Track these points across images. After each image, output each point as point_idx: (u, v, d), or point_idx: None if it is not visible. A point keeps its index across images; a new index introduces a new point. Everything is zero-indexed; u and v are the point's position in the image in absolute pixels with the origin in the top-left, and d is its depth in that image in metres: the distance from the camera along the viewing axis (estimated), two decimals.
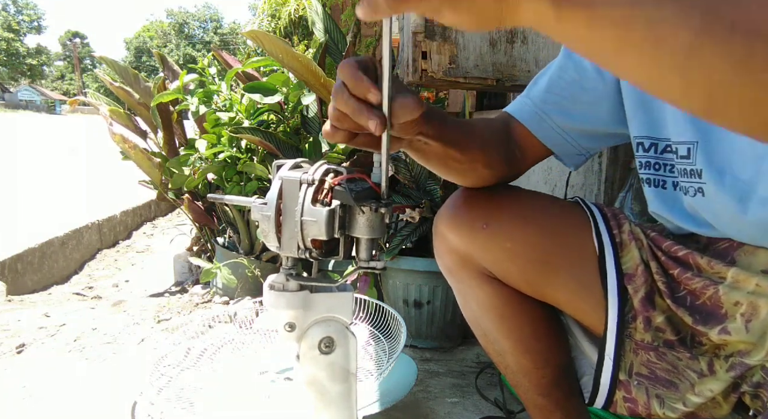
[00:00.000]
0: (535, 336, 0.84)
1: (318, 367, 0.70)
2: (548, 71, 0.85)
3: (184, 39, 41.63)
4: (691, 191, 0.69)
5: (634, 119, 0.76)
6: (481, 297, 0.84)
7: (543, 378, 0.85)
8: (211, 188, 2.29)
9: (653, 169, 0.76)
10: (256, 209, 0.65)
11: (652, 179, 0.77)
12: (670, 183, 0.75)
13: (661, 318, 0.73)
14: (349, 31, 3.09)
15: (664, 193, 0.76)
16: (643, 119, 0.75)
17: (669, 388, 0.71)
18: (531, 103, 0.84)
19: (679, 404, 0.70)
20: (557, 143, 0.84)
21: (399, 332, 1.38)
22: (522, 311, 0.83)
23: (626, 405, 0.75)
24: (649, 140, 0.75)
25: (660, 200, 0.77)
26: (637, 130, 0.76)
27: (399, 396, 1.24)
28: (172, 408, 1.18)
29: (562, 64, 0.83)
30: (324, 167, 0.63)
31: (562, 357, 0.87)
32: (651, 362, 0.73)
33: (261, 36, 1.82)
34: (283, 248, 0.64)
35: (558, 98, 0.82)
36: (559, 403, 0.87)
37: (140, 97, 2.49)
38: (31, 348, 1.73)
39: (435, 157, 0.74)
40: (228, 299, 2.17)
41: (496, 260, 0.80)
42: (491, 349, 0.89)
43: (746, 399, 0.66)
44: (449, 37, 1.44)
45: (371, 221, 0.61)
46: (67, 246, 2.91)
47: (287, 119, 2.12)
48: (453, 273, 0.87)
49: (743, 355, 0.66)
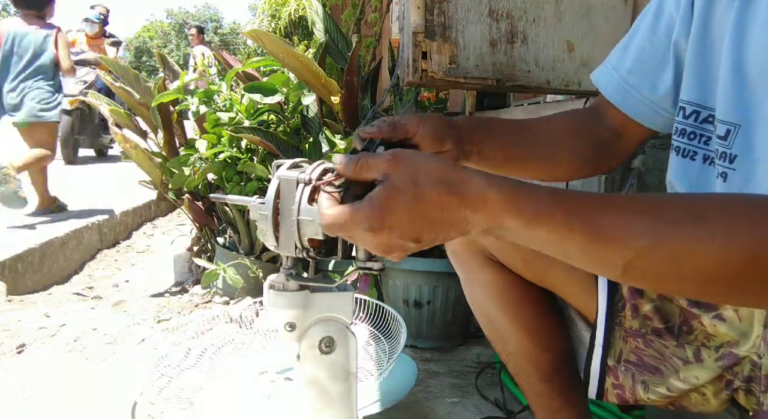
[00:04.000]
0: (537, 318, 0.87)
1: (318, 367, 0.70)
2: (635, 36, 0.79)
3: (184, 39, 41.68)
4: (715, 172, 0.67)
5: (687, 81, 0.72)
6: (485, 281, 0.87)
7: (544, 361, 0.88)
8: (211, 188, 2.29)
9: (687, 138, 0.72)
10: (254, 208, 0.64)
11: (682, 148, 0.73)
12: (701, 156, 0.71)
13: (648, 306, 0.74)
14: (349, 31, 3.08)
15: (691, 164, 0.72)
16: (694, 83, 0.71)
17: (654, 374, 0.73)
18: (617, 75, 0.80)
19: (662, 388, 0.72)
20: (652, 117, 0.79)
21: (399, 332, 1.38)
22: (524, 295, 0.86)
23: (615, 391, 0.77)
24: (692, 106, 0.71)
25: (683, 171, 0.73)
26: (685, 92, 0.72)
27: (399, 396, 1.24)
28: (172, 408, 1.18)
29: (652, 25, 0.77)
30: (322, 167, 0.63)
31: (563, 344, 0.89)
32: (639, 349, 0.75)
33: (262, 36, 1.82)
34: (281, 247, 0.64)
35: (646, 67, 0.77)
36: (560, 391, 0.89)
37: (140, 98, 2.48)
38: (31, 348, 1.73)
39: (496, 162, 0.77)
40: (228, 299, 2.17)
41: (499, 244, 0.83)
42: (494, 335, 0.92)
43: (741, 398, 0.67)
44: (449, 37, 1.44)
45: None
46: (67, 246, 2.91)
47: (287, 119, 2.11)
48: (459, 257, 0.90)
49: (732, 346, 0.67)
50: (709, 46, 0.68)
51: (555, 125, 0.83)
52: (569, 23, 1.48)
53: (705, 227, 0.42)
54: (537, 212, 0.46)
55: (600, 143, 0.82)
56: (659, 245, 0.43)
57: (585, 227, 0.45)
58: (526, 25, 1.46)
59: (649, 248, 0.43)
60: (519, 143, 0.78)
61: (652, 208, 0.45)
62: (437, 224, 0.48)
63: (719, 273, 0.42)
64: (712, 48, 0.68)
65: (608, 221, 0.45)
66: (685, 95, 0.72)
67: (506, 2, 1.45)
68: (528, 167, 0.81)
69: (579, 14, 1.48)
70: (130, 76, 2.53)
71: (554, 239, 0.47)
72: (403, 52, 1.53)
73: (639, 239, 0.44)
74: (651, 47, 0.76)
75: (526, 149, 0.79)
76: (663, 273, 0.44)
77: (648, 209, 0.45)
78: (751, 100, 0.61)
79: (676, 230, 0.43)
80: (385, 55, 2.58)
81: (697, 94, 0.71)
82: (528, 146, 0.79)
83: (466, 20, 1.43)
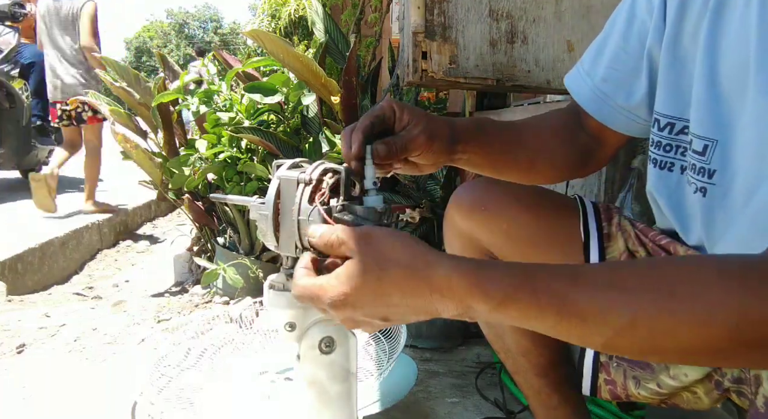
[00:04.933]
0: None
1: (318, 367, 0.70)
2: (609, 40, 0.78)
3: (184, 39, 41.67)
4: (693, 187, 0.66)
5: (660, 93, 0.72)
6: None
7: (541, 356, 0.89)
8: (211, 188, 2.29)
9: (663, 150, 0.72)
10: (255, 208, 0.65)
11: (659, 160, 0.73)
12: (678, 167, 0.71)
13: None
14: (349, 31, 3.09)
15: (668, 176, 0.72)
16: (668, 95, 0.70)
17: (645, 369, 0.73)
18: (591, 83, 0.79)
19: (653, 384, 0.72)
20: (628, 125, 0.78)
21: (399, 332, 1.38)
22: None
23: (608, 387, 0.78)
24: (666, 118, 0.70)
25: (661, 183, 0.73)
26: (659, 104, 0.71)
27: (399, 396, 1.24)
28: (172, 408, 1.18)
29: (624, 33, 0.75)
30: (322, 167, 0.63)
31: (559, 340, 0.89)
32: None
33: (262, 36, 1.82)
34: (282, 247, 0.64)
35: (620, 75, 0.76)
36: (557, 386, 0.90)
37: (141, 98, 2.49)
38: (31, 348, 1.73)
39: (482, 168, 0.79)
40: (228, 299, 2.17)
41: (495, 240, 0.85)
42: (492, 334, 0.94)
43: (735, 399, 0.66)
44: (449, 37, 1.44)
45: (369, 222, 0.61)
46: (67, 246, 2.91)
47: (287, 119, 2.12)
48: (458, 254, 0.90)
49: None
50: (681, 57, 0.67)
51: (541, 131, 0.84)
52: (569, 23, 1.48)
53: (681, 304, 0.41)
54: (504, 295, 0.45)
55: (582, 149, 0.83)
56: (636, 324, 0.42)
57: (555, 306, 0.44)
58: (526, 25, 1.46)
59: (627, 327, 0.42)
60: (504, 152, 0.79)
61: (622, 281, 0.44)
62: (401, 307, 0.49)
63: (703, 346, 0.42)
64: (684, 59, 0.67)
65: (580, 298, 0.44)
66: (660, 107, 0.71)
67: (506, 2, 1.45)
68: (510, 174, 0.82)
69: (579, 14, 1.48)
70: (131, 76, 2.53)
71: (526, 318, 0.46)
72: (403, 52, 1.53)
73: (616, 318, 0.43)
74: (624, 54, 0.75)
75: (510, 157, 0.80)
76: (646, 348, 0.44)
77: (619, 284, 0.44)
78: (727, 115, 0.61)
79: (652, 308, 0.42)
80: (385, 55, 2.58)
81: (670, 106, 0.70)
82: (512, 153, 0.80)
83: (466, 20, 1.43)
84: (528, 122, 0.85)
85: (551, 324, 0.45)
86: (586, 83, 0.79)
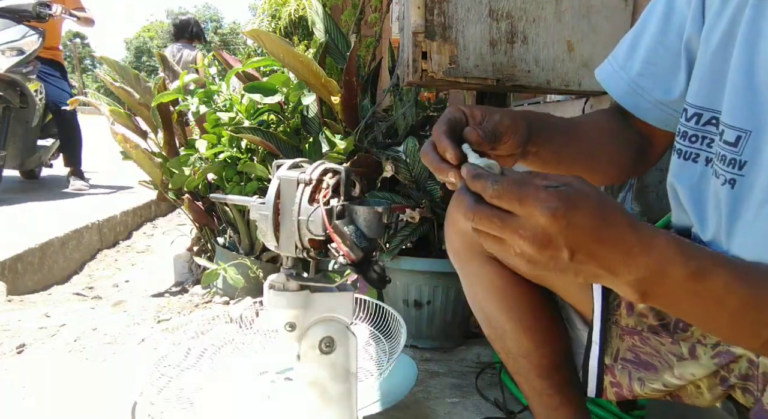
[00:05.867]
0: (535, 315, 0.88)
1: (318, 367, 0.70)
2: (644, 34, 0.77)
3: None
4: (722, 179, 0.65)
5: (693, 83, 0.71)
6: (484, 277, 0.88)
7: (543, 357, 0.88)
8: (211, 188, 2.29)
9: (689, 141, 0.71)
10: (255, 208, 0.65)
11: (684, 151, 0.72)
12: (703, 158, 0.70)
13: (643, 305, 0.74)
14: (349, 31, 3.09)
15: (692, 167, 0.71)
16: (700, 86, 0.70)
17: (650, 370, 0.73)
18: (627, 77, 0.78)
19: (658, 384, 0.72)
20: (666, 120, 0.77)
21: (399, 332, 1.38)
22: (522, 292, 0.87)
23: (613, 389, 0.78)
24: (695, 108, 0.69)
25: (684, 173, 0.72)
26: (690, 95, 0.71)
27: (399, 396, 1.24)
28: (172, 408, 1.18)
29: (662, 27, 0.74)
30: (322, 167, 0.63)
31: (560, 341, 0.90)
32: (635, 346, 0.76)
33: (262, 35, 1.82)
34: (282, 247, 0.64)
35: (658, 70, 0.75)
36: (558, 387, 0.90)
37: (140, 98, 2.48)
38: (31, 348, 1.73)
39: (549, 166, 0.76)
40: (228, 299, 2.17)
41: None
42: (493, 334, 0.93)
43: (738, 396, 0.66)
44: (449, 37, 1.44)
45: (368, 222, 0.61)
46: (67, 246, 2.91)
47: (287, 119, 2.11)
48: (459, 256, 0.91)
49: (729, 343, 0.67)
50: (718, 49, 0.67)
51: (596, 131, 0.82)
52: (569, 23, 1.48)
53: None
54: (701, 266, 0.45)
55: (635, 148, 0.82)
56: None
57: (745, 291, 0.45)
58: (526, 25, 1.46)
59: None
60: (567, 147, 0.77)
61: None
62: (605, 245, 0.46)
63: None
64: (720, 50, 0.67)
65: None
66: (690, 98, 0.71)
67: (506, 2, 1.45)
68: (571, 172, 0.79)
69: (579, 14, 1.48)
70: (130, 76, 2.53)
71: (710, 295, 0.46)
72: (403, 52, 1.54)
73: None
74: (663, 49, 0.75)
75: (572, 154, 0.78)
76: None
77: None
78: (762, 106, 0.61)
79: None
80: (385, 55, 2.58)
81: (702, 96, 0.69)
82: (573, 150, 0.78)
83: (466, 20, 1.43)
84: (582, 121, 0.83)
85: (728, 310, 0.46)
86: (621, 78, 0.79)
